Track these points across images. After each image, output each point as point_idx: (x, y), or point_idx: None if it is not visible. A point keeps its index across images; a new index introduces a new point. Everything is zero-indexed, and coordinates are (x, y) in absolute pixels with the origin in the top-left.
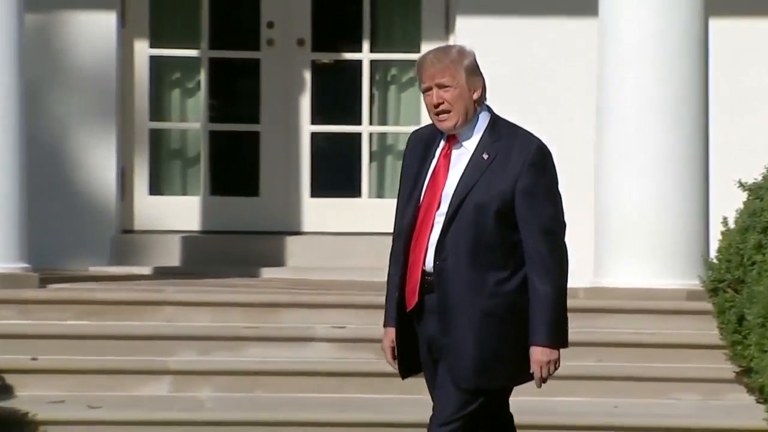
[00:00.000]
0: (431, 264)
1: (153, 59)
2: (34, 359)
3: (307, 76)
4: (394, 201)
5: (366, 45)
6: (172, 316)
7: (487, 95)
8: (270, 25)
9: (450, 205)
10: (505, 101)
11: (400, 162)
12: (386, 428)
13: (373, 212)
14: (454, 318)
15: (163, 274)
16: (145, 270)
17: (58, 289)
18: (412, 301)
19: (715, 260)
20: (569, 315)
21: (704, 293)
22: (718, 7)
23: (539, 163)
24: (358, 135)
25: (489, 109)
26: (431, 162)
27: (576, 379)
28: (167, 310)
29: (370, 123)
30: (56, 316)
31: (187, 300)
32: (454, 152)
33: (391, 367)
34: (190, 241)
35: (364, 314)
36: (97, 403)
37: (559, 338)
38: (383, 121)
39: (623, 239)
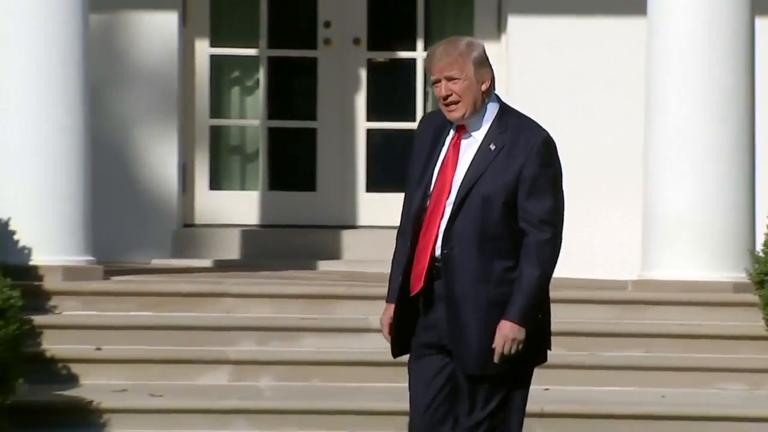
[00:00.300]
0: (440, 251)
1: (213, 58)
2: (98, 349)
3: (363, 74)
4: None
5: (420, 44)
6: (231, 307)
7: (539, 92)
8: (327, 24)
9: (457, 194)
10: (555, 98)
11: None
12: None
13: None
14: (460, 306)
15: (222, 266)
16: (206, 263)
17: (122, 281)
18: (417, 285)
19: (761, 253)
20: (615, 306)
21: (750, 285)
22: (764, 5)
23: (543, 154)
24: (412, 131)
25: (498, 100)
26: (441, 150)
27: (624, 369)
28: (227, 301)
29: None
30: (119, 308)
31: (246, 292)
32: (463, 142)
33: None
34: (248, 234)
35: None
36: (159, 392)
37: (528, 319)
38: None
39: (670, 232)
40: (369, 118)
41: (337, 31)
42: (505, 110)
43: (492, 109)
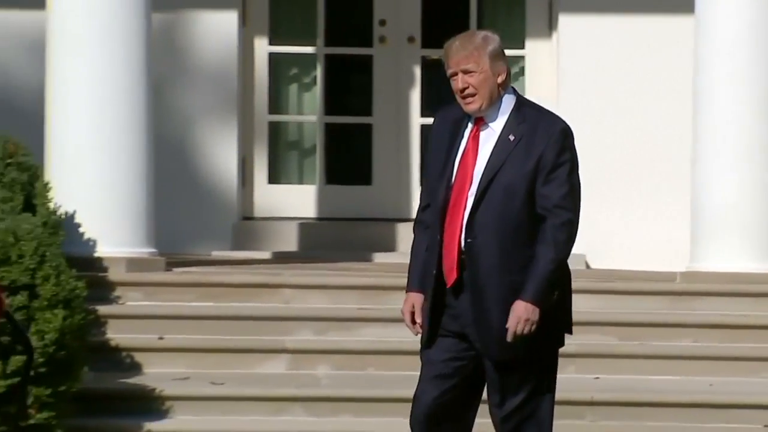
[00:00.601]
0: (464, 242)
1: (272, 56)
2: (160, 338)
3: (417, 71)
4: None
5: None
6: (289, 297)
7: (591, 88)
8: (382, 23)
9: (479, 185)
10: (604, 94)
11: None
12: None
13: None
14: (483, 293)
15: (281, 258)
16: (265, 255)
17: (183, 272)
18: (452, 277)
19: None
20: (664, 297)
21: None
22: None
23: (562, 143)
24: None
25: (514, 92)
26: (460, 143)
27: (673, 359)
28: (285, 292)
29: None
30: (181, 298)
31: (303, 283)
32: (482, 134)
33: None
34: (306, 227)
35: None
36: (220, 380)
37: (543, 300)
38: None
39: (718, 225)
40: (423, 114)
41: (392, 30)
42: (521, 102)
43: (509, 101)
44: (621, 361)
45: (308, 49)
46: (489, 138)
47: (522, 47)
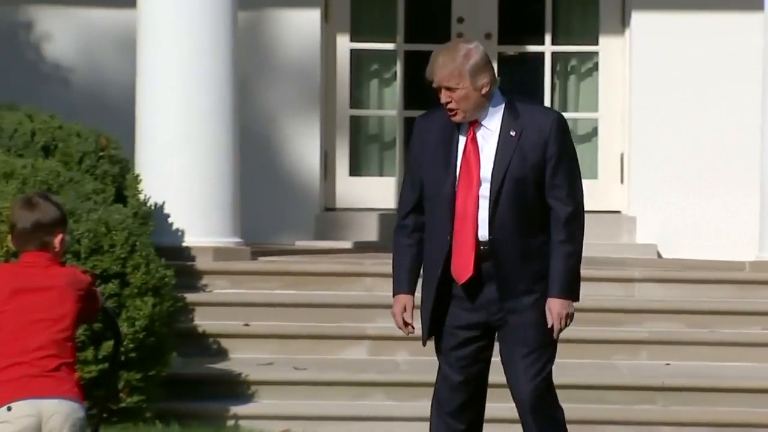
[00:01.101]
0: (485, 238)
1: (353, 52)
2: (246, 325)
3: (493, 66)
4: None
5: (548, 38)
6: (370, 286)
7: (660, 83)
8: (460, 20)
9: (492, 182)
10: (675, 88)
11: (581, 146)
12: (565, 390)
13: None
14: (508, 283)
15: (362, 248)
16: (346, 244)
17: (267, 261)
18: (466, 273)
19: None
20: (733, 286)
21: None
22: None
23: (560, 133)
24: None
25: (501, 90)
26: (457, 145)
27: (742, 346)
28: (366, 280)
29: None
30: (266, 286)
31: (384, 271)
32: (479, 135)
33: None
34: (386, 218)
35: None
36: (303, 365)
37: (575, 293)
38: (563, 108)
39: None
40: None
41: (469, 26)
42: (510, 99)
43: (498, 100)
44: (691, 348)
45: (388, 46)
46: (488, 137)
47: (596, 43)
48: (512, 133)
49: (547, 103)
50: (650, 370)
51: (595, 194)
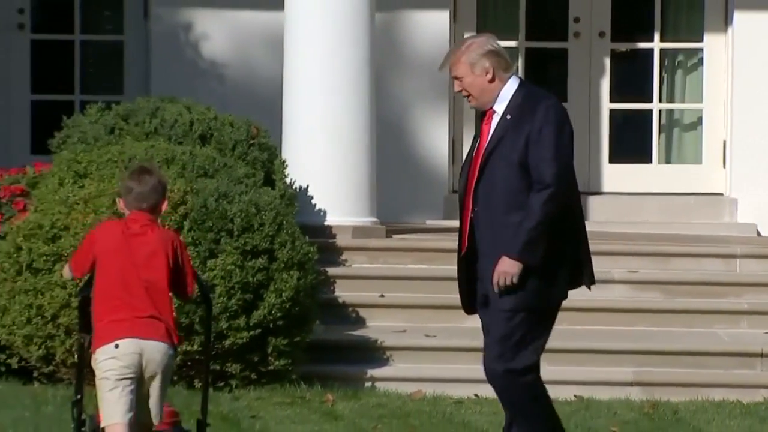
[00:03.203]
0: (473, 213)
1: None
2: (381, 296)
3: (607, 62)
4: (681, 167)
5: (656, 35)
6: None
7: (761, 78)
8: (576, 20)
9: (482, 159)
10: None
11: (687, 134)
12: (671, 356)
13: (662, 175)
14: (487, 259)
15: None
16: None
17: (401, 239)
18: (464, 246)
19: None
20: None
21: None
22: None
23: (547, 117)
24: (650, 111)
25: (517, 78)
26: (480, 128)
27: None
28: None
29: (660, 101)
30: (399, 261)
31: None
32: (493, 117)
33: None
34: None
35: (653, 261)
36: (432, 333)
37: (525, 256)
38: (671, 99)
39: None
40: (612, 100)
41: (585, 26)
42: (521, 86)
43: (511, 87)
44: None
45: (511, 43)
46: (496, 120)
47: (701, 40)
48: (508, 117)
49: (655, 95)
50: (750, 338)
51: (699, 178)
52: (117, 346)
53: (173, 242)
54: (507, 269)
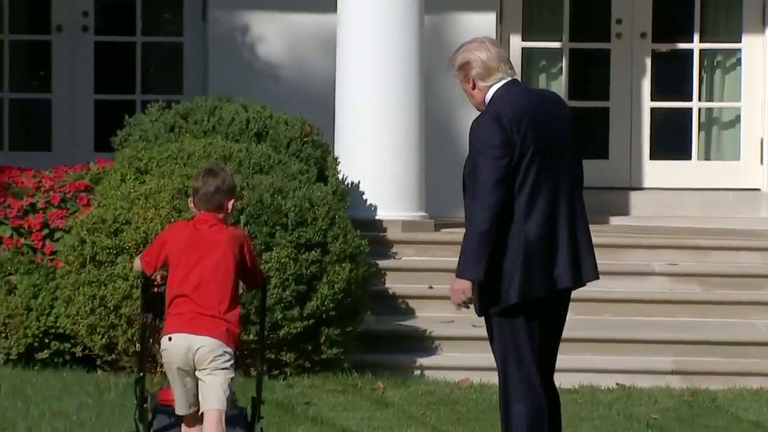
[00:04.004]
0: None
1: (524, 50)
2: (430, 288)
3: (648, 62)
4: (720, 163)
5: (696, 36)
6: None
7: None
8: (618, 21)
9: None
10: None
11: (725, 131)
12: (709, 345)
13: (702, 171)
14: None
15: None
16: None
17: (449, 232)
18: None
19: None
20: None
21: None
22: None
23: (472, 129)
24: (689, 110)
25: (505, 83)
26: None
27: None
28: None
29: (699, 100)
30: (447, 254)
31: None
32: None
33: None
34: None
35: (693, 254)
36: (479, 324)
37: (461, 270)
38: (710, 98)
39: None
40: (653, 99)
41: (627, 27)
42: (494, 93)
43: (489, 95)
44: None
45: (555, 44)
46: None
47: (739, 41)
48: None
49: (695, 93)
50: None
51: (737, 174)
52: (170, 339)
53: (240, 240)
54: (455, 285)
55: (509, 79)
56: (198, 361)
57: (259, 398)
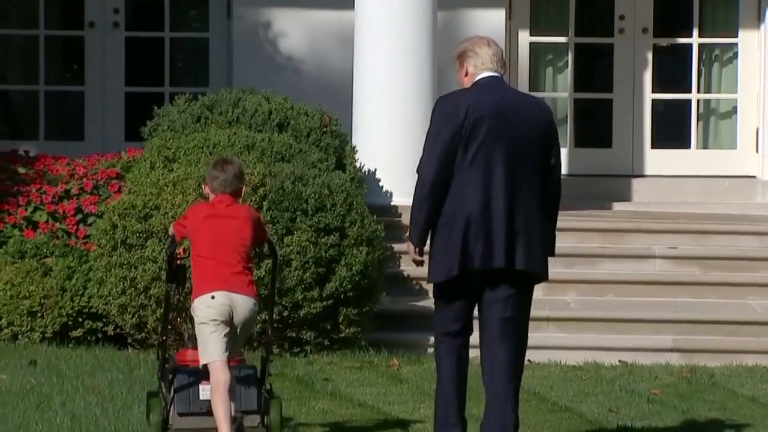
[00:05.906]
0: None
1: (531, 45)
2: None
3: (649, 56)
4: (718, 151)
5: (695, 31)
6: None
7: None
8: (621, 17)
9: None
10: None
11: (722, 121)
12: (707, 325)
13: (700, 160)
14: None
15: None
16: None
17: None
18: None
19: None
20: None
21: None
22: None
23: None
24: (689, 101)
25: (487, 77)
26: None
27: None
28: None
29: (698, 91)
30: None
31: (557, 226)
32: None
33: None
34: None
35: (692, 238)
36: None
37: (410, 237)
38: (708, 90)
39: None
40: (654, 91)
41: (629, 22)
42: (474, 83)
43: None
44: None
45: (561, 39)
46: None
47: (735, 36)
48: None
49: (694, 86)
50: None
51: (734, 162)
52: (213, 297)
53: (252, 214)
54: (407, 249)
55: (497, 75)
56: (236, 316)
57: (267, 357)
